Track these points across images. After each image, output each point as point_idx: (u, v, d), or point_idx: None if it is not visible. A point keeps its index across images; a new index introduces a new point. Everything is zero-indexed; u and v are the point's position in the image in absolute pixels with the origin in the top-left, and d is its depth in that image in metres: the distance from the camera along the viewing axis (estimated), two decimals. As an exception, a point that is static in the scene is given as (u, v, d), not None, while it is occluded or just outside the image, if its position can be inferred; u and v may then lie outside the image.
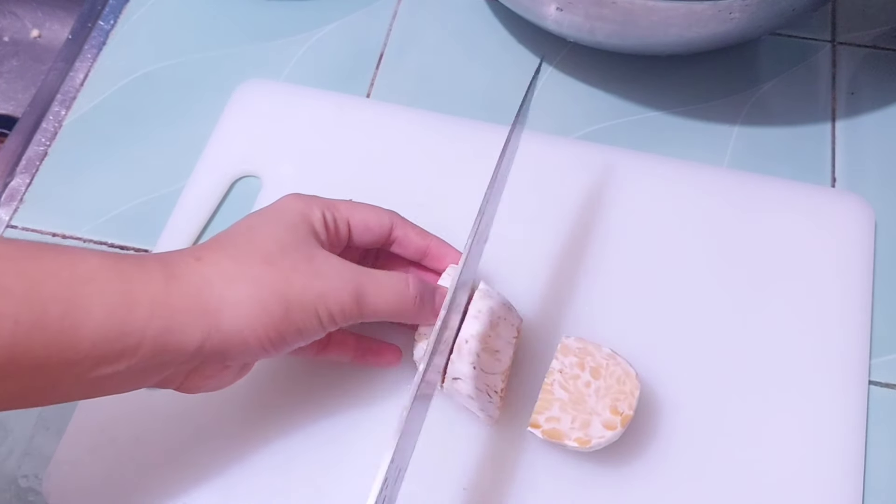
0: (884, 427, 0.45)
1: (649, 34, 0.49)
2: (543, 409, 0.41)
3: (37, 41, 0.75)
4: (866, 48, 0.58)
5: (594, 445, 0.40)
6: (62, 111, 0.58)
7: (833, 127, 0.55)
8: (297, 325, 0.37)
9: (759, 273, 0.49)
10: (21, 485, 0.45)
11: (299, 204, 0.40)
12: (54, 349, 0.32)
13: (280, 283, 0.36)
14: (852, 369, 0.46)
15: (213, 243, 0.39)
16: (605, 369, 0.42)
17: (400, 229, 0.43)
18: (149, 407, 0.45)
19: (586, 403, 0.41)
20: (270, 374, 0.46)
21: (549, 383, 0.41)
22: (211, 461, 0.44)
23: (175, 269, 0.36)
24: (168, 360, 0.35)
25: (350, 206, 0.42)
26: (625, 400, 0.41)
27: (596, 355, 0.42)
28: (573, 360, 0.42)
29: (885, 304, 0.48)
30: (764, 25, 0.50)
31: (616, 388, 0.41)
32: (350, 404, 0.45)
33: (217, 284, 0.36)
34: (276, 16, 0.62)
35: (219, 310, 0.35)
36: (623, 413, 0.41)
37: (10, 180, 0.55)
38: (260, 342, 0.36)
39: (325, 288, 0.37)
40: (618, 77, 0.57)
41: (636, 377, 0.42)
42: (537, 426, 0.41)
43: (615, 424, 0.40)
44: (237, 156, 0.54)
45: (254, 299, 0.36)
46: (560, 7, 0.49)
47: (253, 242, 0.38)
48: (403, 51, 0.60)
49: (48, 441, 0.46)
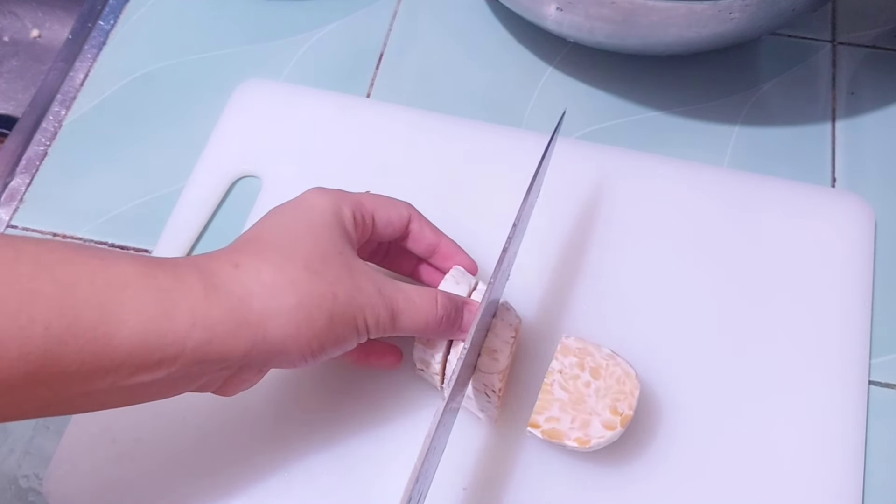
0: (884, 427, 0.45)
1: (649, 34, 0.49)
2: (543, 409, 0.41)
3: (37, 41, 0.75)
4: (866, 48, 0.58)
5: (594, 445, 0.40)
6: (62, 111, 0.58)
7: (833, 127, 0.55)
8: (338, 337, 0.37)
9: (759, 273, 0.49)
10: (21, 485, 0.45)
11: (329, 202, 0.39)
12: (88, 356, 0.31)
13: (325, 296, 0.36)
14: (852, 369, 0.46)
15: (250, 246, 0.37)
16: (604, 369, 0.42)
17: (416, 223, 0.43)
18: (149, 407, 0.45)
19: (586, 403, 0.41)
20: (272, 376, 0.46)
21: (549, 383, 0.41)
22: (212, 462, 0.44)
23: (214, 278, 0.35)
24: (209, 368, 0.35)
25: (373, 201, 0.41)
26: (624, 400, 0.41)
27: (596, 355, 0.42)
28: (573, 361, 0.42)
29: (884, 304, 0.48)
30: (764, 25, 0.50)
31: (616, 388, 0.41)
32: (353, 405, 0.45)
33: (259, 294, 0.35)
34: (276, 16, 0.62)
35: (262, 321, 0.35)
36: (623, 413, 0.41)
37: (10, 180, 0.55)
38: (301, 352, 0.36)
39: (365, 303, 0.37)
40: (618, 77, 0.57)
41: (636, 377, 0.42)
42: (537, 426, 0.41)
43: (615, 424, 0.40)
44: (237, 156, 0.54)
45: (299, 311, 0.35)
46: (560, 7, 0.49)
47: (292, 247, 0.37)
48: (403, 51, 0.60)
49: (48, 441, 0.46)
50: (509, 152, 0.53)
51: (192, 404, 0.44)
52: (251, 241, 0.38)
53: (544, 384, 0.41)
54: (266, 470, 0.44)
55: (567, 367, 0.41)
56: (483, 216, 0.50)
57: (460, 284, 0.42)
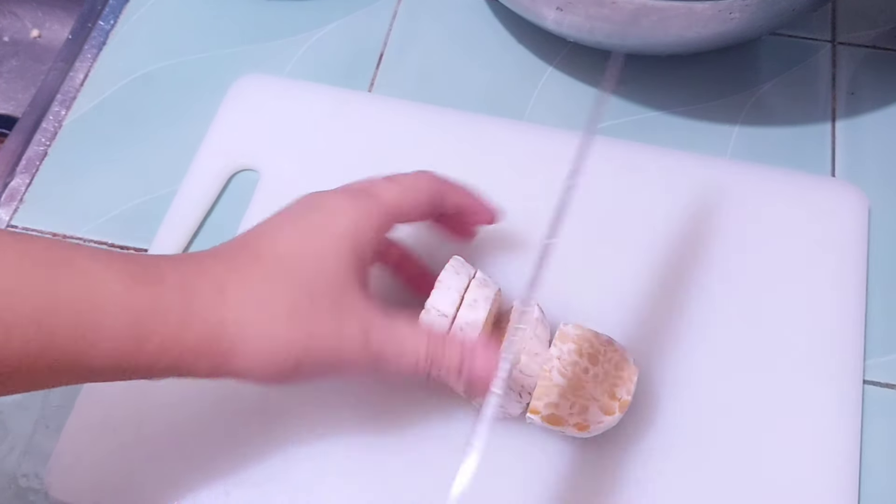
0: (879, 426, 0.45)
1: (649, 34, 0.49)
2: (542, 396, 0.41)
3: (37, 41, 0.75)
4: (866, 48, 0.58)
5: (593, 430, 0.40)
6: (62, 111, 0.58)
7: (833, 127, 0.55)
8: (307, 377, 0.36)
9: (756, 267, 0.49)
10: (21, 484, 0.45)
11: (353, 214, 0.37)
12: (64, 365, 0.32)
13: (297, 346, 0.35)
14: (847, 367, 0.46)
15: (246, 259, 0.36)
16: (602, 356, 0.42)
17: (440, 205, 0.41)
18: (151, 397, 0.45)
19: (585, 389, 0.41)
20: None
21: (548, 370, 0.41)
22: (214, 450, 0.44)
23: (194, 302, 0.34)
24: (181, 376, 0.35)
25: (399, 205, 0.39)
26: (623, 386, 0.41)
27: (594, 342, 0.42)
28: (571, 347, 0.41)
29: (880, 303, 0.48)
30: (764, 25, 0.50)
31: (614, 373, 0.41)
32: (354, 400, 0.45)
33: (234, 326, 0.34)
34: (276, 16, 0.62)
35: (230, 351, 0.34)
36: (621, 398, 0.41)
37: (10, 180, 0.55)
38: (267, 384, 0.36)
39: (345, 355, 0.36)
40: (618, 77, 0.57)
41: (633, 363, 0.42)
42: (536, 412, 0.41)
43: (613, 409, 0.41)
44: (235, 149, 0.54)
45: (266, 355, 0.35)
46: (560, 7, 0.49)
47: (290, 271, 0.36)
48: (403, 51, 0.60)
49: (48, 440, 0.46)
50: (511, 144, 0.53)
51: (194, 393, 0.44)
52: (251, 250, 0.37)
53: (543, 370, 0.41)
54: (269, 458, 0.44)
55: (565, 354, 0.41)
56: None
57: (460, 275, 0.42)
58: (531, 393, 0.41)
